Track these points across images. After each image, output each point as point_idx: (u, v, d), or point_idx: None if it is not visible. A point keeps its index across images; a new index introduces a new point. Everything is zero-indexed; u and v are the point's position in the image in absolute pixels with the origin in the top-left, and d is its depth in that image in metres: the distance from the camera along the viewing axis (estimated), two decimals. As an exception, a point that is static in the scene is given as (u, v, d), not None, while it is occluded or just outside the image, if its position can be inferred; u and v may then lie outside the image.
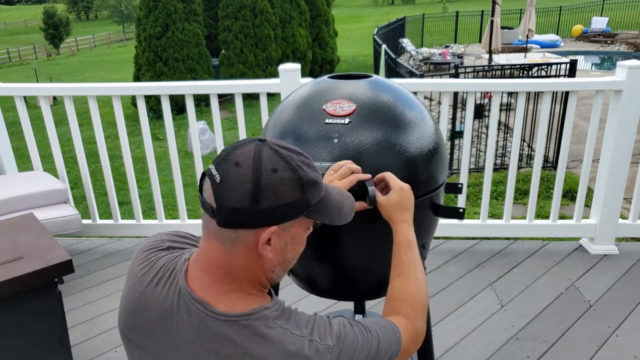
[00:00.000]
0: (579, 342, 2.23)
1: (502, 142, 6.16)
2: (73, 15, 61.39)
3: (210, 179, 0.81)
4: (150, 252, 0.97)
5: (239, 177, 0.78)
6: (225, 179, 0.79)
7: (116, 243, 3.25)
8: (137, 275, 0.94)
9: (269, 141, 0.83)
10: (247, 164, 0.79)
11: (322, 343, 0.83)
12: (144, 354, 0.92)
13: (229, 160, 0.80)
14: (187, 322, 0.85)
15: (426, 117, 1.31)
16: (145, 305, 0.90)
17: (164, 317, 0.88)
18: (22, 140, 3.27)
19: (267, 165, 0.79)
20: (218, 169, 0.80)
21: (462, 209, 1.34)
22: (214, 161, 0.83)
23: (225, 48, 12.33)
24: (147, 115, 3.04)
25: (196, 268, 0.88)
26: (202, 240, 0.87)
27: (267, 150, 0.81)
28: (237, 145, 0.82)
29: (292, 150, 0.84)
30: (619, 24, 20.53)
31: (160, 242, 1.00)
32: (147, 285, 0.91)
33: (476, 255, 2.95)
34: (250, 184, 0.78)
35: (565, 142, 2.86)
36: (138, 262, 0.96)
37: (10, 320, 1.78)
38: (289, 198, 0.80)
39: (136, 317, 0.91)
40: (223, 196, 0.79)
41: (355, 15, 42.20)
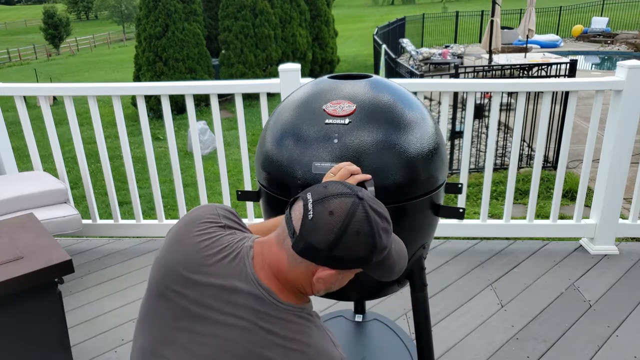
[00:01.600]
0: (579, 342, 2.23)
1: (502, 142, 6.16)
2: (73, 15, 61.37)
3: (304, 210, 0.90)
4: (210, 226, 1.03)
5: (328, 225, 0.88)
6: (316, 219, 0.88)
7: (116, 243, 3.25)
8: (196, 245, 0.99)
9: (365, 201, 0.91)
10: (339, 218, 0.88)
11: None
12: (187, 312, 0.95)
13: (326, 204, 0.89)
14: (247, 299, 0.92)
15: (426, 117, 1.31)
16: (206, 274, 0.95)
17: (225, 290, 0.94)
18: (22, 140, 3.27)
19: (355, 226, 0.88)
20: (314, 207, 0.89)
21: (462, 209, 1.34)
22: (312, 193, 0.92)
23: (225, 48, 12.33)
24: (147, 115, 3.04)
25: (262, 260, 0.96)
26: (275, 242, 0.95)
27: (360, 211, 0.89)
28: (339, 193, 0.91)
29: (381, 216, 0.92)
30: (619, 24, 20.53)
31: (217, 217, 1.05)
32: (211, 258, 0.97)
33: (476, 255, 2.95)
34: (333, 235, 0.88)
35: (565, 142, 2.86)
36: (196, 232, 1.01)
37: (10, 320, 1.78)
38: (358, 255, 0.90)
39: (193, 279, 0.96)
40: (308, 231, 0.89)
41: (355, 15, 42.19)
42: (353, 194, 0.91)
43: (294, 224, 0.90)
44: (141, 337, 1.03)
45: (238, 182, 6.24)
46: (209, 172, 6.56)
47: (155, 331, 1.00)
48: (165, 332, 0.97)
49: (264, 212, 1.42)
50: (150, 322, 1.02)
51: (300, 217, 0.90)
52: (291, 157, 1.24)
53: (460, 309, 2.48)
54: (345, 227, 0.88)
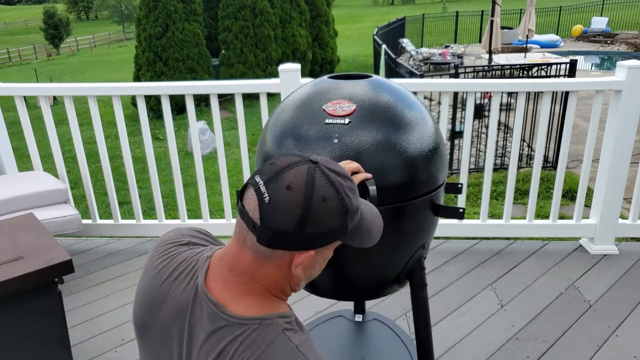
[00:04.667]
0: (579, 342, 2.23)
1: (502, 142, 6.16)
2: (73, 15, 61.37)
3: (258, 195, 0.79)
4: (170, 246, 0.97)
5: (289, 202, 0.77)
6: (274, 201, 0.77)
7: (116, 243, 3.25)
8: (156, 268, 0.94)
9: (321, 163, 0.82)
10: (299, 190, 0.78)
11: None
12: (157, 348, 0.92)
13: (280, 180, 0.78)
14: (198, 320, 0.86)
15: (426, 117, 1.31)
16: (162, 299, 0.90)
17: (179, 313, 0.88)
18: (22, 140, 3.27)
19: (319, 193, 0.78)
20: (268, 188, 0.78)
21: (462, 209, 1.34)
22: (261, 174, 0.81)
23: (225, 48, 12.33)
24: (147, 115, 3.04)
25: (220, 266, 0.87)
26: (233, 244, 0.86)
27: (319, 175, 0.80)
28: (289, 164, 0.80)
29: (341, 175, 0.83)
30: (618, 24, 20.53)
31: (180, 237, 0.99)
32: (166, 279, 0.91)
33: (476, 255, 2.95)
34: (299, 210, 0.77)
35: (565, 142, 2.86)
36: (157, 256, 0.96)
37: (11, 320, 1.78)
38: (332, 225, 0.80)
39: (153, 311, 0.91)
40: (270, 217, 0.78)
41: (355, 15, 42.19)
42: (305, 160, 0.81)
43: (250, 216, 0.79)
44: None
45: (238, 182, 6.24)
46: (209, 172, 6.56)
47: None
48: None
49: (264, 212, 1.41)
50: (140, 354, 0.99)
51: (256, 204, 0.78)
52: (291, 157, 1.24)
53: (460, 309, 2.48)
54: (309, 198, 0.77)
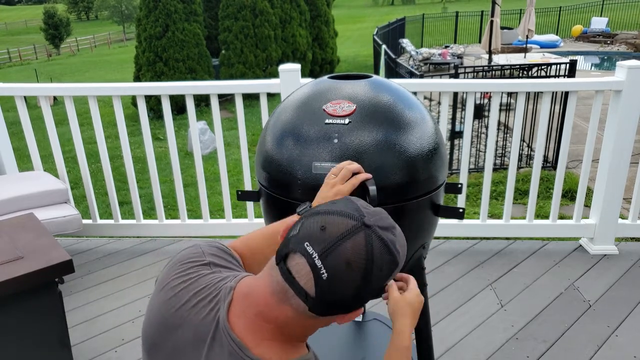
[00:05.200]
0: (579, 342, 2.23)
1: (501, 142, 6.16)
2: (73, 16, 61.36)
3: (313, 270, 0.76)
4: (191, 267, 0.93)
5: (349, 279, 0.76)
6: (332, 278, 0.75)
7: (116, 243, 3.25)
8: (173, 289, 0.90)
9: (374, 226, 0.79)
10: (359, 265, 0.76)
11: None
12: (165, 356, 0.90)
13: (338, 256, 0.75)
14: (218, 356, 0.84)
15: (426, 117, 1.31)
16: (179, 324, 0.87)
17: (196, 342, 0.85)
18: (22, 140, 3.27)
19: (377, 264, 0.77)
20: (324, 262, 0.75)
21: (462, 209, 1.34)
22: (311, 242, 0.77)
23: (225, 48, 12.33)
24: (147, 115, 3.04)
25: (245, 305, 0.84)
26: (269, 295, 0.82)
27: (377, 244, 0.77)
28: (344, 233, 0.76)
29: (391, 229, 0.81)
30: (618, 24, 20.53)
31: (201, 256, 0.95)
32: (185, 304, 0.88)
33: (476, 255, 2.95)
34: (359, 283, 0.76)
35: (565, 142, 2.87)
36: (176, 275, 0.92)
37: (11, 320, 1.78)
38: (383, 284, 0.81)
39: (166, 334, 0.88)
40: (327, 292, 0.76)
41: (355, 16, 42.19)
42: (359, 224, 0.77)
43: (302, 286, 0.77)
44: None
45: (238, 182, 6.24)
46: (209, 172, 6.56)
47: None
48: None
49: (264, 212, 1.42)
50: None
51: (310, 277, 0.76)
52: (291, 157, 1.24)
53: (460, 308, 2.48)
54: (369, 271, 0.76)
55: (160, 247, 3.17)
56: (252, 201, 1.87)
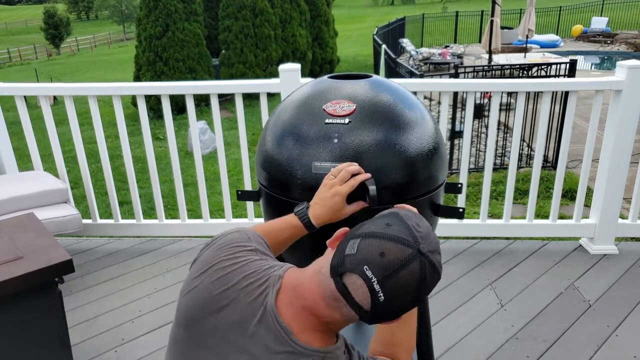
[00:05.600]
0: (579, 341, 2.23)
1: (501, 142, 6.16)
2: (73, 15, 61.37)
3: (372, 292, 0.83)
4: (239, 251, 0.99)
5: (403, 300, 0.84)
6: (388, 300, 0.83)
7: (116, 243, 3.25)
8: (223, 270, 0.95)
9: (428, 253, 0.85)
10: (412, 288, 0.84)
11: None
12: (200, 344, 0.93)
13: (395, 281, 0.82)
14: (262, 337, 0.89)
15: (426, 117, 1.31)
16: (226, 303, 0.92)
17: (240, 323, 0.90)
18: (22, 140, 3.27)
19: (427, 286, 0.86)
20: (382, 287, 0.82)
21: (462, 208, 1.34)
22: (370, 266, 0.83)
23: (225, 48, 12.32)
24: (147, 115, 3.04)
25: (293, 296, 0.91)
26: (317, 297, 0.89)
27: (429, 270, 0.85)
28: (403, 261, 0.83)
29: (439, 252, 0.90)
30: (618, 24, 20.53)
31: (247, 241, 1.02)
32: (235, 285, 0.93)
33: (476, 255, 2.95)
34: (409, 304, 0.86)
35: (565, 142, 2.87)
36: (225, 256, 0.98)
37: (10, 320, 1.78)
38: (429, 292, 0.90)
39: (210, 311, 0.93)
40: (381, 310, 0.84)
41: (355, 16, 42.19)
42: (415, 252, 0.84)
43: (358, 302, 0.84)
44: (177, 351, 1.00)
45: (238, 182, 6.24)
46: (209, 171, 6.56)
47: (182, 351, 0.98)
48: (187, 355, 0.96)
49: (264, 212, 1.42)
50: (174, 351, 0.99)
51: (367, 297, 0.83)
52: (291, 156, 1.24)
53: (460, 308, 2.48)
54: (421, 291, 0.85)
55: (160, 247, 3.17)
56: (252, 201, 1.87)
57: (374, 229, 0.87)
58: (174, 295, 2.67)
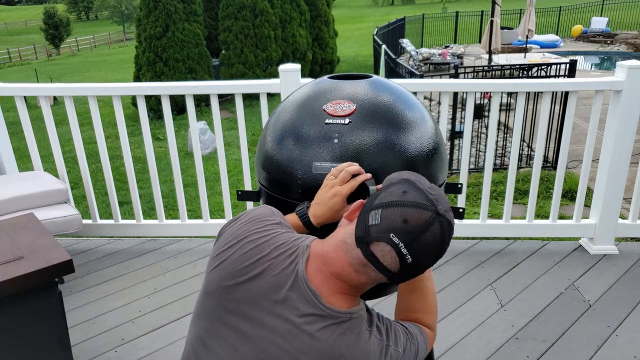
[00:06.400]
0: (579, 342, 2.23)
1: (501, 142, 6.16)
2: (73, 16, 61.37)
3: (400, 256, 0.90)
4: (268, 224, 1.05)
5: (428, 258, 0.92)
6: (415, 259, 0.91)
7: (116, 243, 3.25)
8: (255, 242, 1.01)
9: (444, 214, 0.92)
10: (436, 247, 0.92)
11: (395, 349, 1.00)
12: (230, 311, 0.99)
13: (420, 243, 0.90)
14: (294, 301, 0.95)
15: (426, 117, 1.31)
16: (259, 272, 0.98)
17: (273, 289, 0.97)
18: (22, 140, 3.27)
19: (447, 241, 0.93)
20: (409, 249, 0.90)
21: (462, 209, 1.34)
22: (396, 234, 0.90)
23: (225, 48, 12.33)
24: (147, 116, 3.04)
25: (321, 264, 0.97)
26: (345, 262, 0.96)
27: (447, 228, 0.92)
28: (424, 224, 0.90)
29: (451, 209, 0.97)
30: (618, 24, 20.53)
31: (272, 215, 1.08)
32: (266, 255, 0.99)
33: (476, 255, 2.95)
34: (433, 259, 0.93)
35: (565, 142, 2.87)
36: (255, 229, 1.04)
37: (10, 320, 1.78)
38: None
39: (242, 279, 0.99)
40: (408, 270, 0.92)
41: (355, 16, 42.20)
42: (434, 214, 0.91)
43: (387, 266, 0.92)
44: (194, 328, 1.06)
45: (238, 182, 6.25)
46: (209, 172, 6.57)
47: (206, 325, 1.03)
48: (215, 327, 1.01)
49: (264, 212, 1.42)
50: (202, 317, 1.04)
51: (396, 260, 0.91)
52: (291, 157, 1.24)
53: (460, 308, 2.48)
54: (443, 247, 0.93)
55: (160, 247, 3.18)
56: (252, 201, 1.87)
57: (392, 198, 0.93)
58: (174, 295, 2.67)
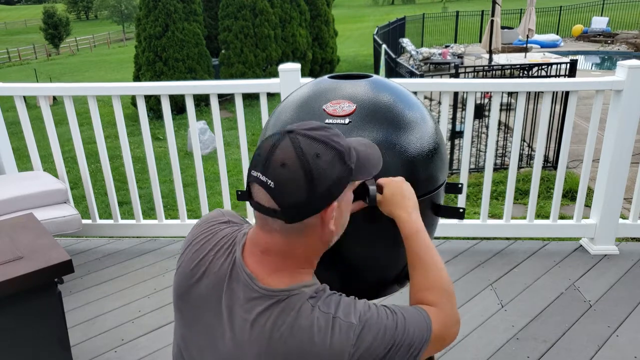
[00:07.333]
0: (579, 342, 2.23)
1: (502, 142, 6.16)
2: (73, 15, 61.35)
3: (263, 186, 0.86)
4: (213, 224, 1.05)
5: (291, 176, 0.84)
6: (278, 182, 0.84)
7: (116, 243, 3.25)
8: (197, 244, 1.02)
9: (297, 130, 0.87)
10: (293, 162, 0.84)
11: (345, 321, 0.87)
12: (193, 316, 0.98)
13: (273, 163, 0.85)
14: (236, 291, 0.93)
15: (426, 117, 1.31)
16: (203, 272, 0.97)
17: (216, 286, 0.95)
18: (22, 140, 3.27)
19: (310, 153, 0.85)
20: (266, 175, 0.85)
21: (462, 209, 1.33)
22: (255, 168, 0.87)
23: (225, 48, 12.32)
24: (147, 115, 3.04)
25: (253, 246, 0.94)
26: (262, 234, 0.92)
27: (302, 140, 0.86)
28: (272, 145, 0.86)
29: (320, 128, 0.89)
30: (619, 24, 20.52)
31: (221, 216, 1.08)
32: (207, 254, 0.99)
33: (476, 255, 2.95)
34: (303, 178, 0.84)
35: (565, 142, 2.86)
36: (200, 233, 1.04)
37: (10, 320, 1.78)
38: (337, 174, 0.87)
39: (193, 282, 0.98)
40: (283, 197, 0.84)
41: (355, 15, 42.19)
42: (282, 133, 0.87)
43: (267, 206, 0.86)
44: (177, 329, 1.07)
45: (238, 182, 6.24)
46: (209, 172, 6.56)
47: (182, 328, 1.03)
48: (189, 329, 1.01)
49: (264, 212, 1.41)
50: (177, 319, 1.05)
51: (266, 194, 0.85)
52: (291, 157, 1.24)
53: (460, 309, 2.48)
54: (305, 162, 0.84)
55: (160, 247, 3.17)
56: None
57: None
58: (173, 296, 2.66)
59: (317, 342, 0.85)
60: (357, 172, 0.91)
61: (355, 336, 0.86)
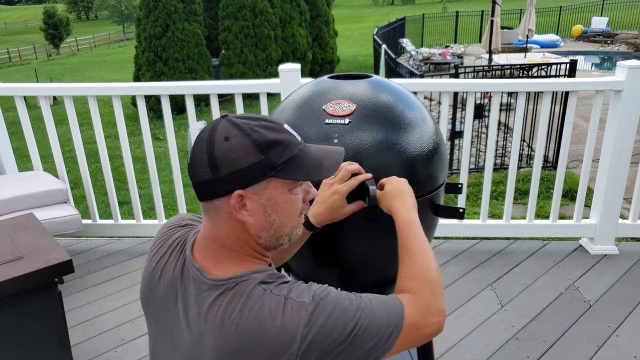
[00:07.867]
0: (579, 342, 2.23)
1: (502, 142, 6.16)
2: (73, 15, 61.36)
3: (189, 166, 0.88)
4: (170, 229, 1.05)
5: (199, 153, 0.85)
6: (191, 159, 0.86)
7: (116, 243, 3.25)
8: (156, 249, 1.02)
9: (229, 116, 0.88)
10: (204, 140, 0.85)
11: (297, 300, 0.83)
12: (157, 321, 0.99)
13: (195, 142, 0.87)
14: (188, 288, 0.92)
15: (426, 117, 1.31)
16: (159, 276, 0.98)
17: (171, 285, 0.95)
18: (22, 140, 3.27)
19: (220, 135, 0.84)
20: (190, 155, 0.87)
21: (462, 209, 1.33)
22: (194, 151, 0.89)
23: (225, 48, 12.33)
24: (147, 115, 3.04)
25: (201, 240, 0.95)
26: (205, 220, 0.94)
27: (223, 123, 0.86)
28: (203, 130, 0.88)
29: (251, 118, 0.87)
30: (619, 24, 20.52)
31: (180, 220, 1.08)
32: (162, 257, 1.00)
33: (476, 255, 2.95)
34: (206, 156, 0.84)
35: (565, 142, 2.86)
36: (158, 237, 1.05)
37: (10, 320, 1.78)
38: (246, 162, 0.83)
39: (152, 287, 0.99)
40: (193, 174, 0.87)
41: (355, 15, 42.19)
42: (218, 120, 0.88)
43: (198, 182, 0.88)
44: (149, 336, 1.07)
45: (238, 182, 6.23)
46: (209, 172, 6.55)
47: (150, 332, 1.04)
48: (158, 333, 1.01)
49: (264, 212, 1.41)
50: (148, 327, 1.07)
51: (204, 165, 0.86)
52: (291, 157, 1.24)
53: (460, 309, 2.48)
54: (211, 142, 0.83)
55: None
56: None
57: None
58: (173, 296, 2.66)
59: (268, 325, 0.81)
60: (285, 170, 0.85)
61: (307, 315, 0.81)
